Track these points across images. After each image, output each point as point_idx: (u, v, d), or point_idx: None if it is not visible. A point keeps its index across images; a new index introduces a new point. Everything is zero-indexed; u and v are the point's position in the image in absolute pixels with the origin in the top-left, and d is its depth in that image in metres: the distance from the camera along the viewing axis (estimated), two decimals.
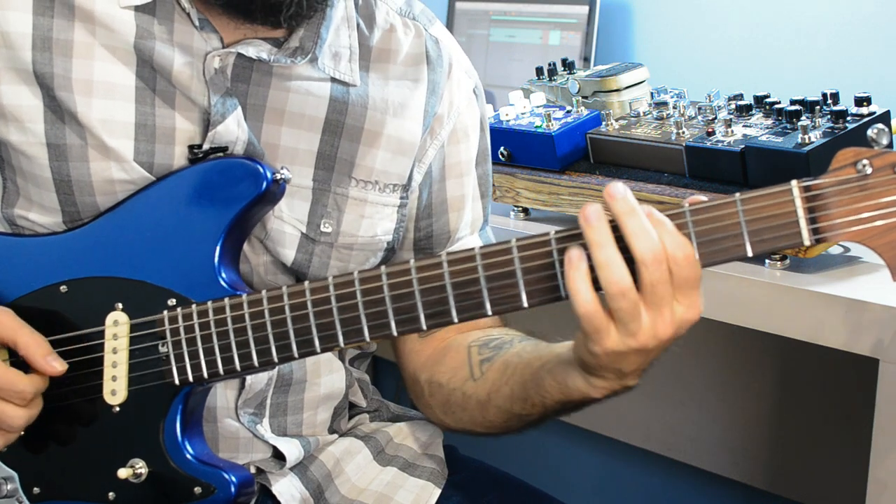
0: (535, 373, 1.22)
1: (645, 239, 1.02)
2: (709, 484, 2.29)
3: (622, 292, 1.02)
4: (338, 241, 1.33)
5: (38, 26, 1.23)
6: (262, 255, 1.31)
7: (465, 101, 1.41)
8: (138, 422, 1.21)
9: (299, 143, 1.30)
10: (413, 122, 1.35)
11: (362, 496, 1.40)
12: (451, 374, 1.35)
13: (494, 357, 1.31)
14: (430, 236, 1.41)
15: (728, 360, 2.12)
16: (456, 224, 1.41)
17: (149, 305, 1.21)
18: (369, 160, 1.33)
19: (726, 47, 2.18)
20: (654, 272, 1.02)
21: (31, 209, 1.27)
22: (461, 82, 1.41)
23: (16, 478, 1.25)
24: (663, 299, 1.03)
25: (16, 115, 1.24)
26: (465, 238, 1.43)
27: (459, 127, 1.40)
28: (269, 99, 1.29)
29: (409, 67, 1.37)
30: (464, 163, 1.41)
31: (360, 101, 1.33)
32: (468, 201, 1.42)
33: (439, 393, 1.37)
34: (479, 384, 1.32)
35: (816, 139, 1.41)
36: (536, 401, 1.23)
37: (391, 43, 1.36)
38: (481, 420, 1.33)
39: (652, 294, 1.03)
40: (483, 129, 1.44)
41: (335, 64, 1.31)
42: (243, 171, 1.22)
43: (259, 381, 1.33)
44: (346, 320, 1.14)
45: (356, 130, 1.32)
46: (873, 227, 1.00)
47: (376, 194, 1.35)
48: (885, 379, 1.32)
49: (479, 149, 1.43)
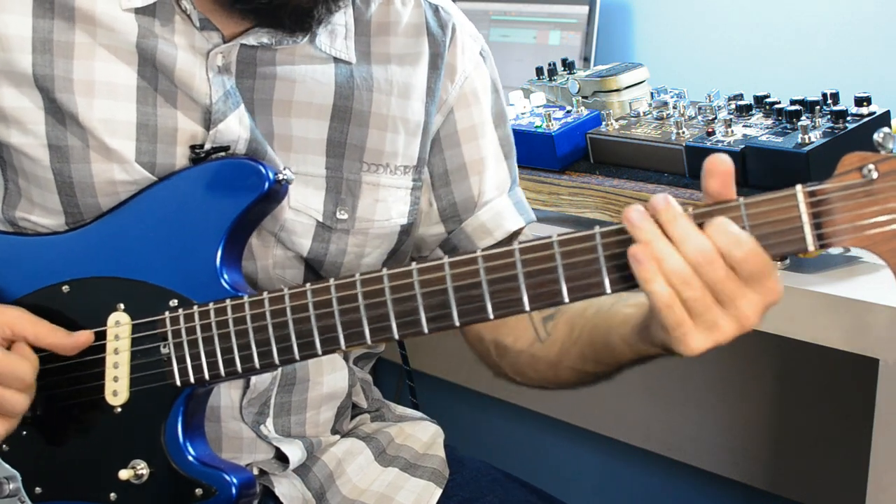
0: (605, 337, 1.21)
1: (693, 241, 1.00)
2: (709, 484, 2.29)
3: (686, 280, 1.00)
4: (354, 227, 1.33)
5: (37, 29, 1.23)
6: (274, 248, 1.31)
7: (473, 65, 1.39)
8: (140, 422, 1.21)
9: (309, 132, 1.30)
10: (418, 102, 1.35)
11: (363, 497, 1.40)
12: (517, 336, 1.34)
13: (556, 314, 1.30)
14: (454, 203, 1.39)
15: (728, 360, 2.13)
16: (480, 187, 1.39)
17: (150, 306, 1.21)
18: (378, 143, 1.33)
19: (726, 47, 2.19)
20: (710, 272, 1.00)
21: (33, 211, 1.27)
22: (466, 46, 1.39)
23: (18, 477, 1.25)
24: (734, 292, 1.01)
25: (17, 118, 1.24)
26: (494, 200, 1.40)
27: (469, 90, 1.38)
28: (276, 91, 1.28)
29: (410, 39, 1.35)
30: (477, 125, 1.39)
31: (365, 84, 1.32)
32: (489, 163, 1.40)
33: (507, 355, 1.36)
34: (546, 346, 1.31)
35: (816, 139, 1.41)
36: (610, 361, 1.22)
37: (389, 15, 1.35)
38: (553, 378, 1.33)
39: (721, 293, 1.01)
40: (496, 90, 1.42)
41: (331, 41, 1.31)
42: (245, 171, 1.22)
43: (263, 381, 1.32)
44: (347, 322, 1.14)
45: (363, 115, 1.32)
46: (879, 233, 0.98)
47: (388, 177, 1.34)
48: (885, 379, 1.32)
49: (495, 110, 1.41)
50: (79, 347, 1.21)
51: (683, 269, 1.00)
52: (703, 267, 1.00)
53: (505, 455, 1.85)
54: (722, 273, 1.00)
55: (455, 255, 1.10)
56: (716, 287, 1.00)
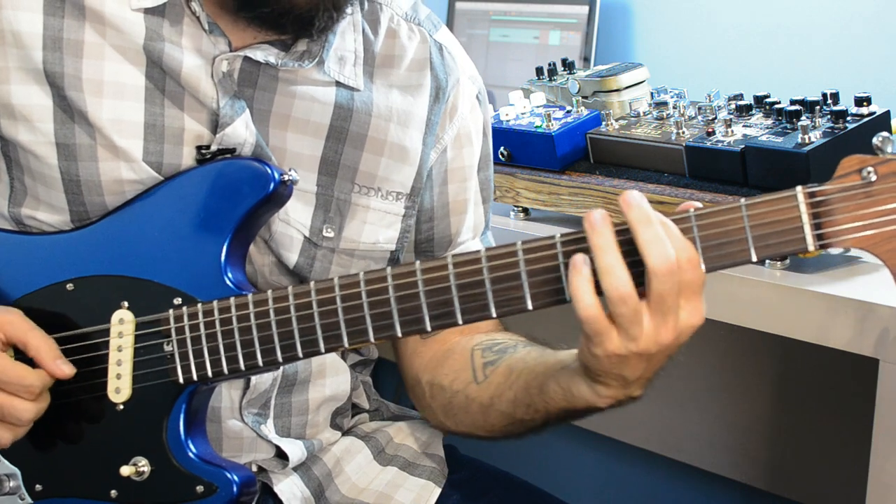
0: (539, 378, 1.22)
1: (659, 249, 1.02)
2: (709, 484, 2.29)
3: (622, 298, 1.03)
4: (339, 246, 1.34)
5: (48, 26, 1.23)
6: (267, 255, 1.31)
7: (469, 107, 1.41)
8: (142, 420, 1.21)
9: (303, 149, 1.30)
10: (416, 131, 1.36)
11: (362, 495, 1.40)
12: (454, 377, 1.35)
13: (498, 361, 1.31)
14: (432, 239, 1.41)
15: (728, 360, 2.13)
16: (457, 228, 1.42)
17: (154, 304, 1.21)
18: (372, 167, 1.34)
19: (726, 47, 2.19)
20: (664, 283, 1.02)
21: (39, 208, 1.27)
22: (465, 88, 1.41)
23: (18, 475, 1.26)
24: (670, 308, 1.04)
25: (25, 115, 1.24)
26: (467, 242, 1.43)
27: (463, 132, 1.41)
28: (275, 104, 1.29)
29: (413, 73, 1.37)
30: (466, 168, 1.42)
31: (365, 108, 1.33)
32: (470, 206, 1.43)
33: (441, 395, 1.37)
34: (482, 388, 1.32)
35: (816, 139, 1.41)
36: (540, 407, 1.23)
37: (395, 48, 1.37)
38: (483, 424, 1.34)
39: (660, 303, 1.03)
40: (486, 134, 1.45)
41: (340, 68, 1.32)
42: (251, 172, 1.23)
43: (264, 382, 1.33)
44: (350, 321, 1.14)
45: (360, 137, 1.33)
46: (878, 234, 1.00)
47: (379, 201, 1.35)
48: (885, 379, 1.32)
49: (482, 154, 1.44)
50: (57, 376, 1.19)
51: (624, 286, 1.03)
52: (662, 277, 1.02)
53: (504, 454, 1.85)
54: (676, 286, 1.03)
55: (459, 255, 1.11)
56: (662, 298, 1.03)
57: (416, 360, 1.41)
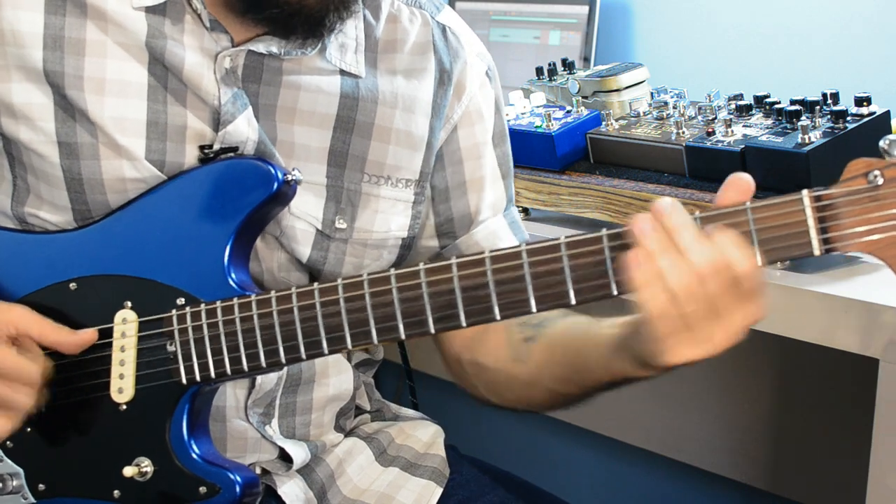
0: (584, 359, 1.21)
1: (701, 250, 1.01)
2: (709, 484, 2.29)
3: (690, 292, 1.01)
4: (352, 237, 1.33)
5: (49, 25, 1.23)
6: (277, 251, 1.31)
7: (478, 84, 1.40)
8: (145, 420, 1.21)
9: (311, 141, 1.30)
10: (422, 116, 1.35)
11: (364, 496, 1.40)
12: (495, 355, 1.34)
13: (537, 336, 1.30)
14: (451, 220, 1.40)
15: (728, 361, 2.11)
16: (477, 206, 1.40)
17: (157, 304, 1.21)
18: (380, 155, 1.33)
19: (726, 47, 2.19)
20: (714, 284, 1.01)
21: (42, 207, 1.27)
22: (473, 66, 1.40)
23: (21, 474, 1.26)
24: (732, 306, 1.02)
25: (26, 114, 1.24)
26: (488, 220, 1.41)
27: (473, 109, 1.39)
28: (280, 97, 1.29)
29: (416, 57, 1.36)
30: (480, 144, 1.40)
31: (370, 96, 1.33)
32: (487, 182, 1.41)
33: (484, 374, 1.36)
34: (524, 366, 1.31)
35: (816, 139, 1.42)
36: (583, 384, 1.23)
37: (397, 33, 1.36)
38: (527, 399, 1.33)
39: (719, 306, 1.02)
40: (498, 109, 1.43)
41: (341, 55, 1.31)
42: (255, 171, 1.22)
43: (269, 381, 1.33)
44: (354, 322, 1.14)
45: (367, 126, 1.32)
46: (884, 238, 0.99)
47: (389, 189, 1.35)
48: (885, 379, 1.32)
49: (496, 130, 1.42)
50: (82, 346, 1.21)
51: (688, 280, 1.01)
52: (708, 278, 1.00)
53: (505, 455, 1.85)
54: (725, 286, 1.01)
55: (462, 257, 1.10)
56: (715, 300, 1.01)
57: (456, 340, 1.39)
